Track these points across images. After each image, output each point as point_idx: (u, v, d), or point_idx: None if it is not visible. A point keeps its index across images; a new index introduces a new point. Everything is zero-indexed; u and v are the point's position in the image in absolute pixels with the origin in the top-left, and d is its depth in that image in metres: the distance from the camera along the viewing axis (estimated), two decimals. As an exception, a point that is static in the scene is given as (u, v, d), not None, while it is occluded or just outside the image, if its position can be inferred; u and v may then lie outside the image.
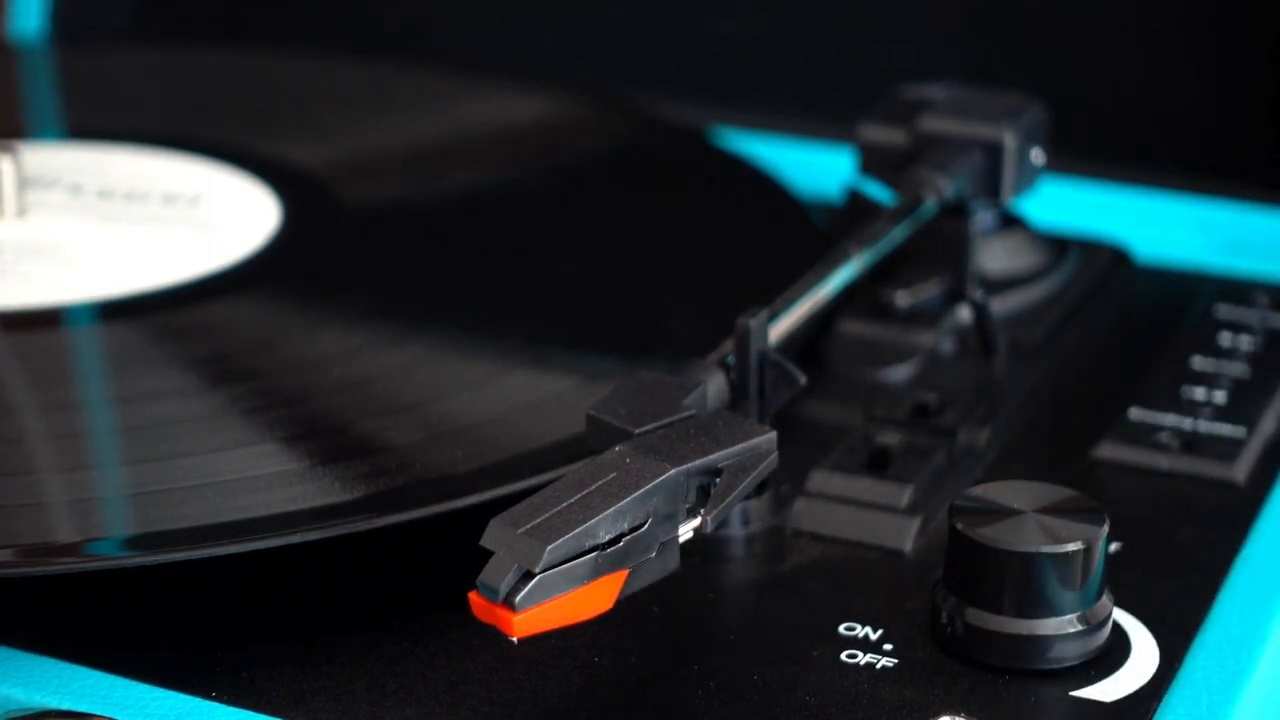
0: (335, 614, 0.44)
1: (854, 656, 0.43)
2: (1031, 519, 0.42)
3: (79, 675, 0.42)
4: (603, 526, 0.39)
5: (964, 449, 0.50)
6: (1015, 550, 0.42)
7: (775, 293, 0.49)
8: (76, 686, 0.42)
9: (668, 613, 0.44)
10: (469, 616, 0.44)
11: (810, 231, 0.58)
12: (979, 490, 0.43)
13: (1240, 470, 0.50)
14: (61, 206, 0.59)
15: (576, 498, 0.40)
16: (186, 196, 0.60)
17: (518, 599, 0.38)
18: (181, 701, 0.41)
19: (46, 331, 0.52)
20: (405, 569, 0.46)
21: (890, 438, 0.50)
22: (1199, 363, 0.54)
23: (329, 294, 0.54)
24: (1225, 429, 0.51)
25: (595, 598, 0.40)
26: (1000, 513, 0.42)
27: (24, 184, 0.59)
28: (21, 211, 0.58)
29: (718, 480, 0.41)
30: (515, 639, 0.38)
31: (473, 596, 0.39)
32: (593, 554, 0.39)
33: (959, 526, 0.42)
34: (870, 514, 0.47)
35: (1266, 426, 0.52)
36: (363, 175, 0.62)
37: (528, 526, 0.39)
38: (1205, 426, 0.51)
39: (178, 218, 0.58)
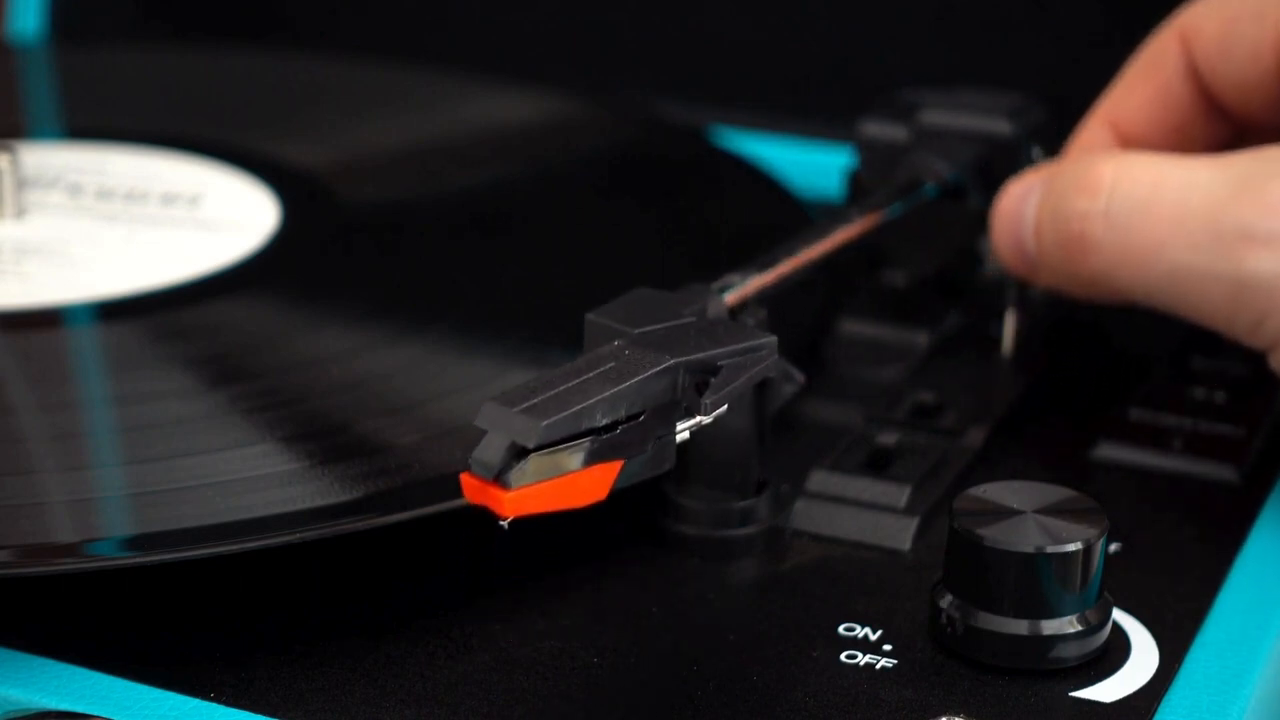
0: (334, 614, 0.44)
1: (854, 657, 0.43)
2: (1031, 519, 0.42)
3: (79, 675, 0.42)
4: (600, 409, 0.39)
5: (964, 449, 0.50)
6: (1015, 550, 0.42)
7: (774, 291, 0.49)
8: (76, 686, 0.42)
9: (667, 613, 0.44)
10: (469, 617, 0.44)
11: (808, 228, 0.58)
12: (979, 490, 0.43)
13: (1240, 470, 0.50)
14: (61, 206, 0.59)
15: (574, 383, 0.39)
16: (186, 196, 0.60)
17: (510, 476, 0.38)
18: (181, 702, 0.41)
19: (46, 331, 0.52)
20: (405, 569, 0.46)
21: (890, 438, 0.50)
22: (1199, 363, 0.54)
23: (329, 294, 0.54)
24: (1225, 429, 0.51)
25: (589, 485, 0.39)
26: (1000, 513, 0.42)
27: (23, 184, 0.59)
28: (21, 211, 0.58)
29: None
30: (506, 518, 0.38)
31: (464, 477, 0.38)
32: (588, 438, 0.39)
33: (959, 526, 0.42)
34: (870, 514, 0.47)
35: (1266, 426, 0.52)
36: (362, 175, 0.62)
37: (523, 405, 0.38)
38: (1205, 426, 0.51)
39: (177, 218, 0.58)
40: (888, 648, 0.43)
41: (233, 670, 0.42)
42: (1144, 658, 0.43)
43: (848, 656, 0.43)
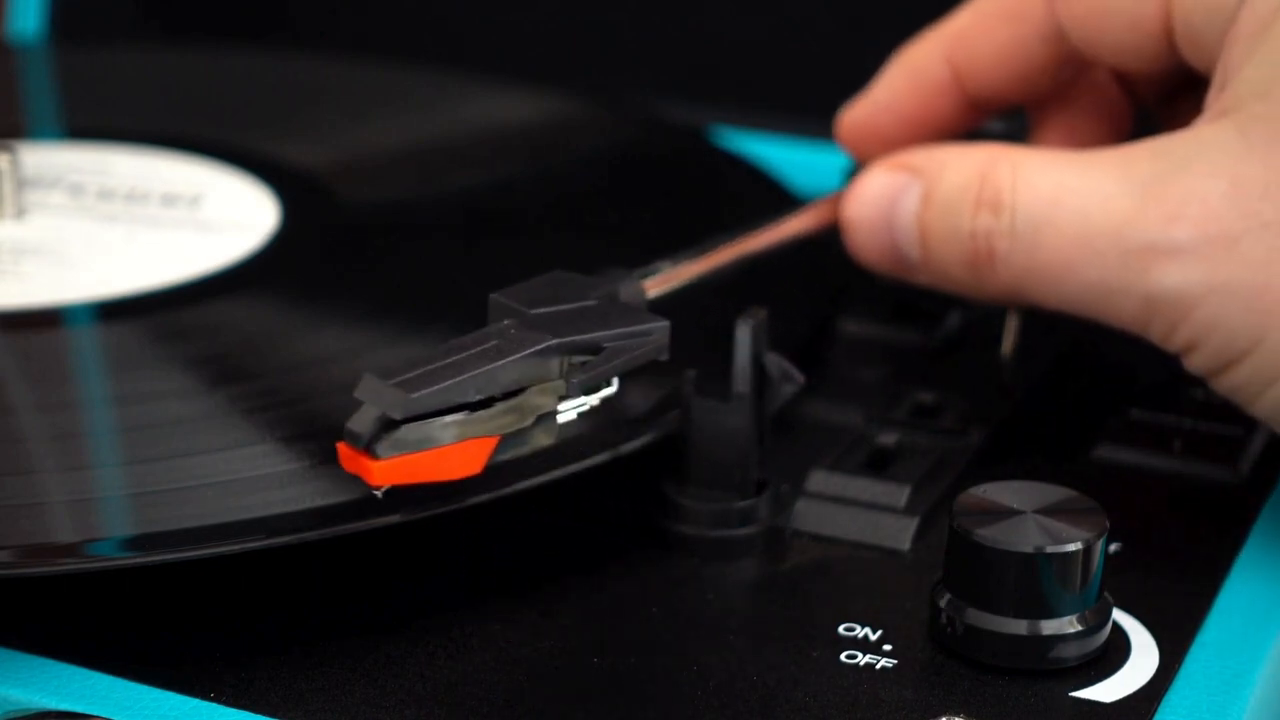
0: (334, 614, 0.44)
1: (854, 657, 0.43)
2: (1031, 519, 0.42)
3: (79, 675, 0.42)
4: (473, 385, 0.40)
5: (964, 449, 0.50)
6: (1015, 550, 0.42)
7: (775, 292, 0.49)
8: (76, 687, 0.42)
9: (667, 613, 0.44)
10: (469, 617, 0.44)
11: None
12: (979, 490, 0.43)
13: (1240, 470, 0.50)
14: (61, 206, 0.59)
15: (453, 359, 0.41)
16: (186, 196, 0.60)
17: (378, 446, 0.39)
18: (181, 702, 0.41)
19: (46, 331, 0.52)
20: (404, 569, 0.46)
21: (890, 438, 0.50)
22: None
23: (329, 294, 0.54)
24: (1225, 429, 0.51)
25: (463, 459, 0.40)
26: (1000, 513, 0.42)
27: (23, 184, 0.59)
28: (21, 211, 0.58)
29: None
30: (377, 487, 0.40)
31: (340, 446, 0.40)
32: (460, 413, 0.40)
33: (959, 526, 0.42)
34: (870, 514, 0.47)
35: (1266, 426, 0.52)
36: (362, 175, 0.62)
37: (398, 379, 0.40)
38: (1205, 426, 0.51)
39: (177, 218, 0.58)
40: (888, 648, 0.43)
41: (233, 670, 0.42)
42: (1144, 658, 0.43)
43: (848, 656, 0.43)
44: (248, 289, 0.54)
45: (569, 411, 0.42)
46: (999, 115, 0.55)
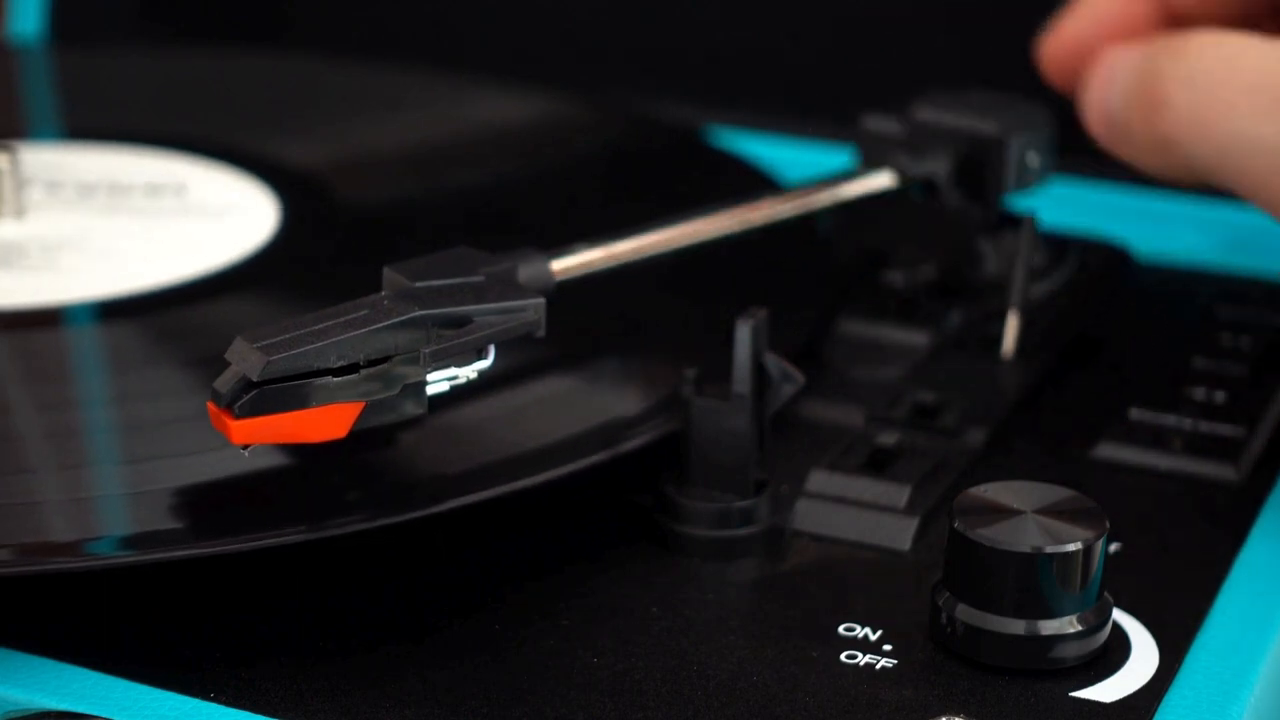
0: (334, 614, 0.44)
1: (853, 657, 0.43)
2: (1031, 519, 0.42)
3: (79, 675, 0.42)
4: (334, 352, 0.41)
5: (964, 449, 0.50)
6: (1015, 550, 0.42)
7: (773, 293, 0.48)
8: (76, 687, 0.42)
9: (667, 613, 0.44)
10: (469, 617, 0.44)
11: (808, 231, 0.58)
12: (979, 490, 0.43)
13: (1240, 470, 0.50)
14: (60, 207, 0.59)
15: (321, 325, 0.42)
16: (186, 196, 0.60)
17: (236, 406, 0.40)
18: (181, 702, 0.41)
19: (46, 331, 0.52)
20: (403, 569, 0.46)
21: (890, 438, 0.50)
22: (1199, 363, 0.54)
23: (329, 294, 0.54)
24: (1225, 429, 0.51)
25: (327, 422, 0.41)
26: (1000, 513, 0.42)
27: (23, 184, 0.59)
28: (20, 212, 0.58)
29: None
30: (240, 446, 0.41)
31: (209, 405, 0.41)
32: (321, 378, 0.41)
33: (959, 526, 0.42)
34: (870, 514, 0.47)
35: (1266, 426, 0.52)
36: (362, 175, 0.62)
37: (263, 342, 0.41)
38: (1205, 426, 0.51)
39: (177, 218, 0.58)
40: (888, 648, 0.43)
41: (233, 670, 0.42)
42: (1144, 658, 0.43)
43: (848, 656, 0.43)
44: (247, 289, 0.54)
45: (440, 382, 0.43)
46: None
